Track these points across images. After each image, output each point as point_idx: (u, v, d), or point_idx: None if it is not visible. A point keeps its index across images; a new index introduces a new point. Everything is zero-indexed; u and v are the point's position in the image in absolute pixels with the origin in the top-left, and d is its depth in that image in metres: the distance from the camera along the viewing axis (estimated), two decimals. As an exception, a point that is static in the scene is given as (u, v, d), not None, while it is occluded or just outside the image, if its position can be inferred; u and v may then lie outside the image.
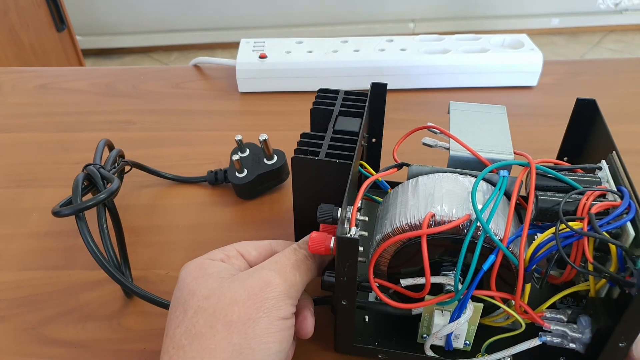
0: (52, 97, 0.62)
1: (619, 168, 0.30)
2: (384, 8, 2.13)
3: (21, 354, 0.35)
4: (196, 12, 2.10)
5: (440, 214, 0.28)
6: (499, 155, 0.32)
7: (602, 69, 0.66)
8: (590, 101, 0.36)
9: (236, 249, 0.32)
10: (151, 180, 0.49)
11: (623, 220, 0.26)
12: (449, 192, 0.30)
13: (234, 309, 0.27)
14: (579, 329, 0.28)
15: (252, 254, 0.32)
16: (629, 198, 0.27)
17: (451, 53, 0.61)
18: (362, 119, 0.35)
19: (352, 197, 0.30)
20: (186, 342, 0.27)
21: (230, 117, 0.58)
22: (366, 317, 0.34)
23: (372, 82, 0.38)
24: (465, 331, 0.30)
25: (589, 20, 2.22)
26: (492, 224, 0.28)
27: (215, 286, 0.28)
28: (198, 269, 0.30)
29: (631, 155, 0.51)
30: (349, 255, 0.27)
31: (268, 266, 0.29)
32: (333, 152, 0.33)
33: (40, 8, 1.55)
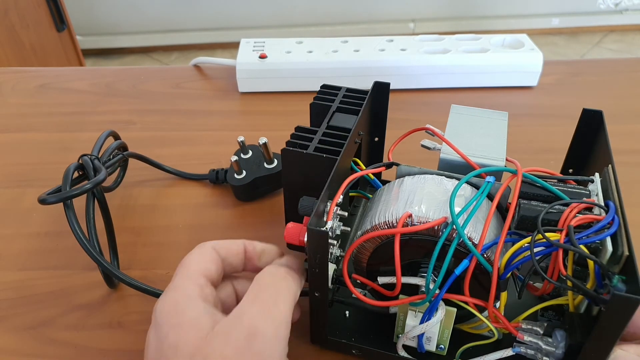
0: (52, 97, 0.62)
1: (611, 182, 0.29)
2: (384, 8, 2.13)
3: (21, 354, 0.35)
4: (196, 12, 2.10)
5: (417, 215, 0.28)
6: (490, 161, 0.32)
7: (602, 69, 0.66)
8: (597, 112, 0.34)
9: (202, 274, 0.29)
10: (152, 176, 0.49)
11: (603, 234, 0.25)
12: (429, 194, 0.30)
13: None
14: (553, 343, 0.28)
15: (212, 270, 0.30)
16: (613, 213, 0.26)
17: (451, 53, 0.61)
18: (357, 117, 0.35)
19: (335, 191, 0.30)
20: None
21: (230, 117, 0.58)
22: (347, 312, 0.35)
23: (375, 80, 0.38)
24: (436, 334, 0.30)
25: (589, 20, 2.22)
26: (470, 228, 0.28)
27: (198, 343, 0.25)
28: (174, 312, 0.27)
29: (631, 155, 0.51)
30: (319, 248, 0.27)
31: (248, 308, 0.27)
32: (322, 146, 0.33)
33: (40, 8, 1.55)
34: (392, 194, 0.31)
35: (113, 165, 0.42)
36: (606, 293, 0.24)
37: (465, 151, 0.33)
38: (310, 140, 0.34)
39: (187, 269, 0.29)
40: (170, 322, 0.27)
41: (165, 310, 0.27)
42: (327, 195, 0.29)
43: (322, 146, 0.33)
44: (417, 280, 0.29)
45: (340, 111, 0.36)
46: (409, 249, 0.29)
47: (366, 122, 0.38)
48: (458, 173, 0.32)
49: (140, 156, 0.47)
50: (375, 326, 0.34)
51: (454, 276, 0.27)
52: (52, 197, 0.35)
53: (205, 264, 0.30)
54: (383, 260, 0.30)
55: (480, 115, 0.36)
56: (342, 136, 0.34)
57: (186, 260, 0.30)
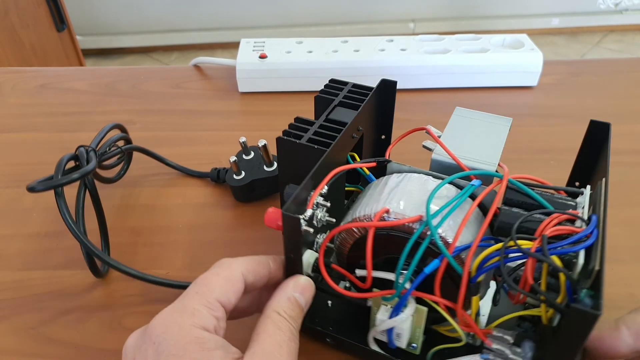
0: (52, 97, 0.62)
1: (601, 196, 0.28)
2: (384, 8, 2.13)
3: (21, 354, 0.35)
4: (196, 12, 2.10)
5: (395, 211, 0.29)
6: (481, 165, 0.32)
7: (602, 69, 0.66)
8: (604, 125, 0.33)
9: (221, 303, 0.27)
10: (155, 170, 0.49)
11: (577, 247, 0.25)
12: (411, 192, 0.30)
13: None
14: (520, 354, 0.27)
15: (232, 301, 0.28)
16: (593, 226, 0.25)
17: (451, 53, 0.61)
18: (357, 112, 0.35)
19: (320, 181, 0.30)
20: None
21: (230, 117, 0.58)
22: (329, 302, 0.35)
23: (382, 78, 0.38)
24: (406, 331, 0.30)
25: (589, 20, 2.22)
26: (445, 228, 0.27)
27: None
28: (199, 348, 0.25)
29: (631, 155, 0.51)
30: (293, 233, 0.27)
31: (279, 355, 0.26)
32: (316, 138, 0.33)
33: (40, 8, 1.55)
34: (378, 189, 0.31)
35: (111, 157, 0.42)
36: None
37: (459, 153, 0.33)
38: (306, 131, 0.34)
39: (208, 294, 0.27)
40: (193, 356, 0.24)
41: (185, 339, 0.25)
42: (310, 184, 0.29)
43: (316, 137, 0.33)
44: (389, 275, 0.29)
45: (342, 105, 0.37)
46: (387, 245, 0.29)
47: (371, 120, 0.38)
48: (449, 175, 0.32)
49: (142, 149, 0.48)
50: (354, 318, 0.34)
51: (423, 274, 0.27)
52: (41, 184, 0.35)
53: (229, 295, 0.27)
54: (362, 253, 0.30)
55: (482, 119, 0.36)
56: (338, 129, 0.34)
57: (211, 283, 0.27)
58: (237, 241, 0.43)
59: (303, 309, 0.29)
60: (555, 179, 0.48)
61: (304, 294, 0.29)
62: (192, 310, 0.26)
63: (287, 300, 0.28)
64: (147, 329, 0.26)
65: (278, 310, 0.28)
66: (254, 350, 0.26)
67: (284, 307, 0.28)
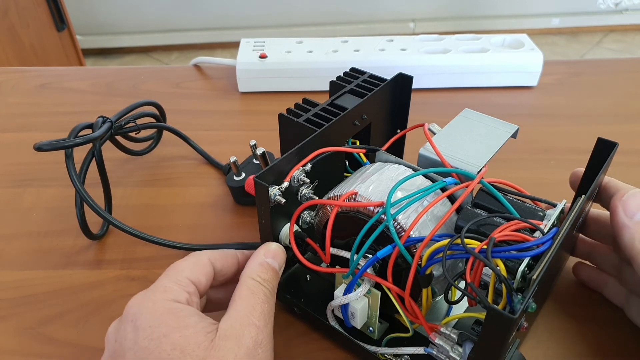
0: (52, 97, 0.62)
1: (572, 212, 0.28)
2: (384, 8, 2.13)
3: (21, 354, 0.35)
4: (196, 12, 2.10)
5: (362, 194, 0.30)
6: (464, 165, 0.32)
7: (602, 69, 0.66)
8: (612, 144, 0.32)
9: (191, 281, 0.29)
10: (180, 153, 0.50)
11: (522, 254, 0.25)
12: (382, 179, 0.31)
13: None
14: (460, 353, 0.28)
15: (203, 283, 0.30)
16: (548, 238, 0.25)
17: (451, 53, 0.61)
18: (361, 99, 0.36)
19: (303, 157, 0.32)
20: None
21: (230, 117, 0.58)
22: (308, 277, 0.37)
23: (400, 72, 0.38)
24: (359, 312, 0.31)
25: (589, 20, 2.22)
26: (403, 217, 0.28)
27: (207, 342, 0.26)
28: (173, 315, 0.26)
29: (631, 155, 0.51)
30: (262, 199, 0.29)
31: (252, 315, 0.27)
32: (314, 119, 0.34)
33: (40, 8, 1.55)
34: (358, 174, 0.33)
35: (128, 131, 0.45)
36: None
37: (448, 152, 0.33)
38: (307, 111, 0.35)
39: (178, 274, 0.29)
40: (170, 324, 0.26)
41: (159, 311, 0.26)
42: (295, 159, 0.31)
43: (314, 119, 0.34)
44: (346, 254, 0.30)
45: (352, 93, 0.37)
46: (351, 225, 0.30)
47: (384, 112, 0.39)
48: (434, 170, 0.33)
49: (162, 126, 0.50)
50: (326, 295, 0.35)
51: (375, 258, 0.28)
52: (49, 145, 0.38)
53: (198, 275, 0.29)
54: (336, 233, 0.31)
55: (487, 123, 0.36)
56: (337, 114, 0.34)
57: (179, 265, 0.30)
58: (239, 241, 0.43)
59: (277, 272, 0.31)
60: (555, 179, 0.48)
61: (275, 258, 0.31)
62: (163, 288, 0.28)
63: (259, 265, 0.30)
64: (124, 312, 0.27)
65: (252, 275, 0.29)
66: (229, 314, 0.27)
67: (257, 272, 0.30)
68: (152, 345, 0.25)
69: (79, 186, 0.39)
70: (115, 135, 0.44)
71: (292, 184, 0.30)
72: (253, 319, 0.27)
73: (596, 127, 0.55)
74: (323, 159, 0.33)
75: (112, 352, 0.27)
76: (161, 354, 0.25)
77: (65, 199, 0.47)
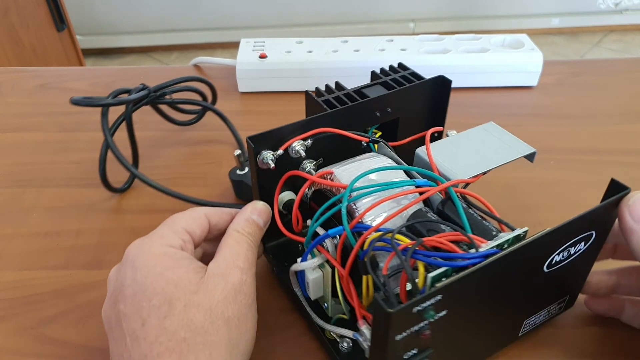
0: (52, 97, 0.62)
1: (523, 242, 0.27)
2: (384, 8, 2.13)
3: (21, 354, 0.35)
4: (196, 12, 2.10)
5: (336, 175, 0.32)
6: (452, 174, 0.32)
7: (602, 69, 0.66)
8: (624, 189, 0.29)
9: (186, 231, 0.32)
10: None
11: (443, 262, 0.25)
12: (361, 165, 0.33)
13: (228, 306, 0.29)
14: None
15: (197, 233, 0.32)
16: (476, 255, 0.25)
17: (451, 53, 0.61)
18: (386, 92, 0.37)
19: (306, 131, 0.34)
20: (187, 335, 0.27)
21: (230, 117, 0.58)
22: (300, 246, 0.37)
23: (441, 74, 0.38)
24: (312, 284, 0.32)
25: (589, 20, 2.22)
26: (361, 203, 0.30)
27: (198, 279, 0.29)
28: (167, 257, 0.29)
29: (631, 155, 0.51)
30: (252, 158, 0.33)
31: (237, 259, 0.31)
32: (333, 101, 0.36)
33: (40, 8, 1.55)
34: (352, 158, 0.35)
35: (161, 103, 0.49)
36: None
37: (443, 157, 0.33)
38: (332, 93, 0.37)
39: (175, 224, 0.32)
40: (164, 264, 0.29)
41: (156, 253, 0.29)
42: (299, 131, 0.33)
43: (333, 101, 0.36)
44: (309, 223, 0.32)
45: (384, 85, 0.38)
46: (323, 201, 0.32)
47: (417, 110, 0.39)
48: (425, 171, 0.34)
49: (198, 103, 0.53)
50: None
51: (325, 235, 0.30)
52: (85, 100, 0.42)
53: (192, 227, 0.32)
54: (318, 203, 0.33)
55: (504, 139, 0.35)
56: (355, 100, 0.36)
57: (177, 216, 0.33)
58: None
59: (261, 228, 0.34)
60: (555, 179, 0.48)
61: (260, 216, 0.34)
62: (160, 235, 0.31)
63: (245, 220, 0.33)
64: (124, 256, 0.31)
65: (237, 228, 0.33)
66: (216, 259, 0.31)
67: (242, 226, 0.33)
68: (149, 281, 0.28)
69: (108, 136, 0.43)
70: (154, 103, 0.48)
71: (290, 154, 0.33)
72: (238, 262, 0.30)
73: (596, 127, 0.55)
74: (330, 140, 0.34)
75: (113, 290, 0.30)
76: (156, 288, 0.28)
77: (65, 199, 0.47)
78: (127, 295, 0.28)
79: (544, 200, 0.46)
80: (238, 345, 0.29)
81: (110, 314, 0.29)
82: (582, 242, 0.28)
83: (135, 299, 0.28)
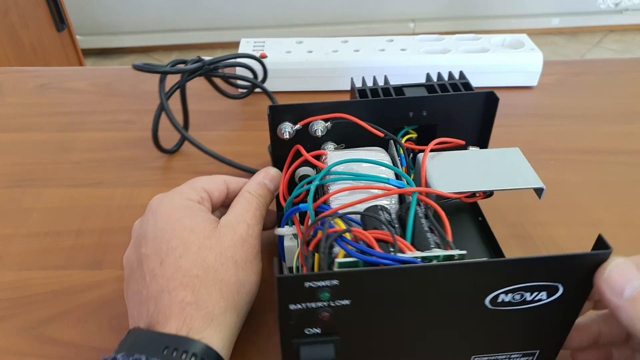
0: (52, 97, 0.62)
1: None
2: (384, 8, 2.13)
3: (21, 354, 0.35)
4: (196, 12, 2.10)
5: (328, 157, 0.34)
6: (434, 184, 0.33)
7: (602, 69, 0.66)
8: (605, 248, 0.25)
9: (205, 190, 0.35)
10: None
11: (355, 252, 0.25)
12: (355, 155, 0.34)
13: (237, 251, 0.32)
14: None
15: (215, 195, 0.36)
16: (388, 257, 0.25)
17: (451, 53, 0.61)
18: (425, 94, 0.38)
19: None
20: (200, 273, 0.30)
21: (230, 117, 0.58)
22: None
23: (492, 91, 0.37)
24: (287, 251, 0.34)
25: (589, 20, 2.22)
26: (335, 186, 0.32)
27: (211, 228, 0.32)
28: (186, 207, 0.33)
29: (631, 155, 0.51)
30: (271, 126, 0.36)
31: (246, 215, 0.34)
32: (368, 93, 0.38)
33: (40, 8, 1.55)
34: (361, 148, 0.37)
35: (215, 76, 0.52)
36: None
37: (440, 168, 0.34)
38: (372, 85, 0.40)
39: (195, 183, 0.35)
40: (183, 213, 0.32)
41: (176, 205, 0.33)
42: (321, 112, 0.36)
43: (369, 94, 0.38)
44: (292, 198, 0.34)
45: (427, 88, 0.39)
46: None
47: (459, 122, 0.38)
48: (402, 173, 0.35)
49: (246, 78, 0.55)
50: None
51: (297, 208, 0.32)
52: (146, 66, 0.45)
53: (210, 188, 0.35)
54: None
55: (518, 167, 0.34)
56: (389, 94, 0.38)
57: (197, 178, 0.36)
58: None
59: (271, 192, 0.37)
60: (554, 179, 0.48)
61: (272, 181, 0.37)
62: (180, 190, 0.35)
63: (257, 184, 0.36)
64: (147, 208, 0.34)
65: (249, 190, 0.36)
66: (228, 214, 0.34)
67: (254, 188, 0.36)
68: (169, 227, 0.32)
69: (164, 100, 0.48)
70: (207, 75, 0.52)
71: (310, 133, 0.36)
72: (246, 218, 0.33)
73: (596, 127, 0.55)
74: (353, 128, 0.36)
75: (136, 237, 0.33)
76: (175, 232, 0.31)
77: (65, 199, 0.47)
78: (149, 239, 0.31)
79: (544, 200, 0.46)
80: (244, 285, 0.32)
81: (133, 257, 0.32)
82: (542, 292, 0.26)
83: (156, 241, 0.31)
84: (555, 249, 0.41)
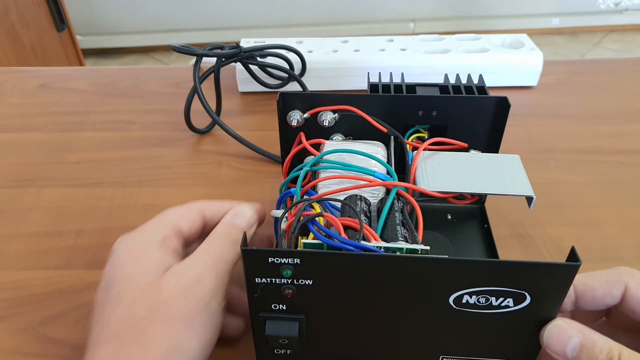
0: (52, 97, 0.62)
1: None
2: (384, 8, 2.13)
3: (21, 354, 0.35)
4: (196, 12, 2.10)
5: (325, 146, 0.35)
6: (420, 182, 0.33)
7: (602, 69, 0.66)
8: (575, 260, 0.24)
9: (173, 225, 0.32)
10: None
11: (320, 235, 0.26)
12: (352, 146, 0.35)
13: (176, 304, 0.28)
14: None
15: (185, 229, 0.32)
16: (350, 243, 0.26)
17: (451, 53, 0.61)
18: (437, 94, 0.38)
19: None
20: (125, 328, 0.27)
21: (230, 117, 0.58)
22: None
23: (504, 96, 0.36)
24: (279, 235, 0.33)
25: (589, 20, 2.22)
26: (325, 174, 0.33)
27: (157, 275, 0.29)
28: (137, 250, 0.30)
29: (631, 155, 0.51)
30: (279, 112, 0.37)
31: (201, 260, 0.30)
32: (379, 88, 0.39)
33: (40, 8, 1.55)
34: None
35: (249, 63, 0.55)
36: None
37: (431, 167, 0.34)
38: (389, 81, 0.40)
39: (160, 219, 0.32)
40: (130, 257, 0.30)
41: (130, 247, 0.31)
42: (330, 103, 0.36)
43: (382, 90, 0.39)
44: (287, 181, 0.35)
45: (442, 89, 0.39)
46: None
47: (469, 125, 0.37)
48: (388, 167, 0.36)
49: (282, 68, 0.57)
50: None
51: (288, 192, 0.33)
52: (183, 48, 0.48)
53: (180, 222, 0.32)
54: None
55: (513, 175, 0.34)
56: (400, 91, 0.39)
57: (166, 211, 0.33)
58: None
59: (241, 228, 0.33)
60: (554, 179, 0.48)
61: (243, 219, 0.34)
62: (142, 229, 0.32)
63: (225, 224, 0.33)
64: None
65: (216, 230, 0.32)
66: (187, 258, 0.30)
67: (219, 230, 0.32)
68: (115, 273, 0.30)
69: (197, 82, 0.50)
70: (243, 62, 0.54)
71: (319, 123, 0.36)
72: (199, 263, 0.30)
73: (596, 127, 0.55)
74: (357, 121, 0.36)
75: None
76: (117, 279, 0.29)
77: (65, 199, 0.47)
78: (101, 286, 0.30)
79: (544, 200, 0.46)
80: (178, 349, 0.27)
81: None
82: (509, 299, 0.25)
83: (104, 289, 0.30)
84: (555, 249, 0.41)
